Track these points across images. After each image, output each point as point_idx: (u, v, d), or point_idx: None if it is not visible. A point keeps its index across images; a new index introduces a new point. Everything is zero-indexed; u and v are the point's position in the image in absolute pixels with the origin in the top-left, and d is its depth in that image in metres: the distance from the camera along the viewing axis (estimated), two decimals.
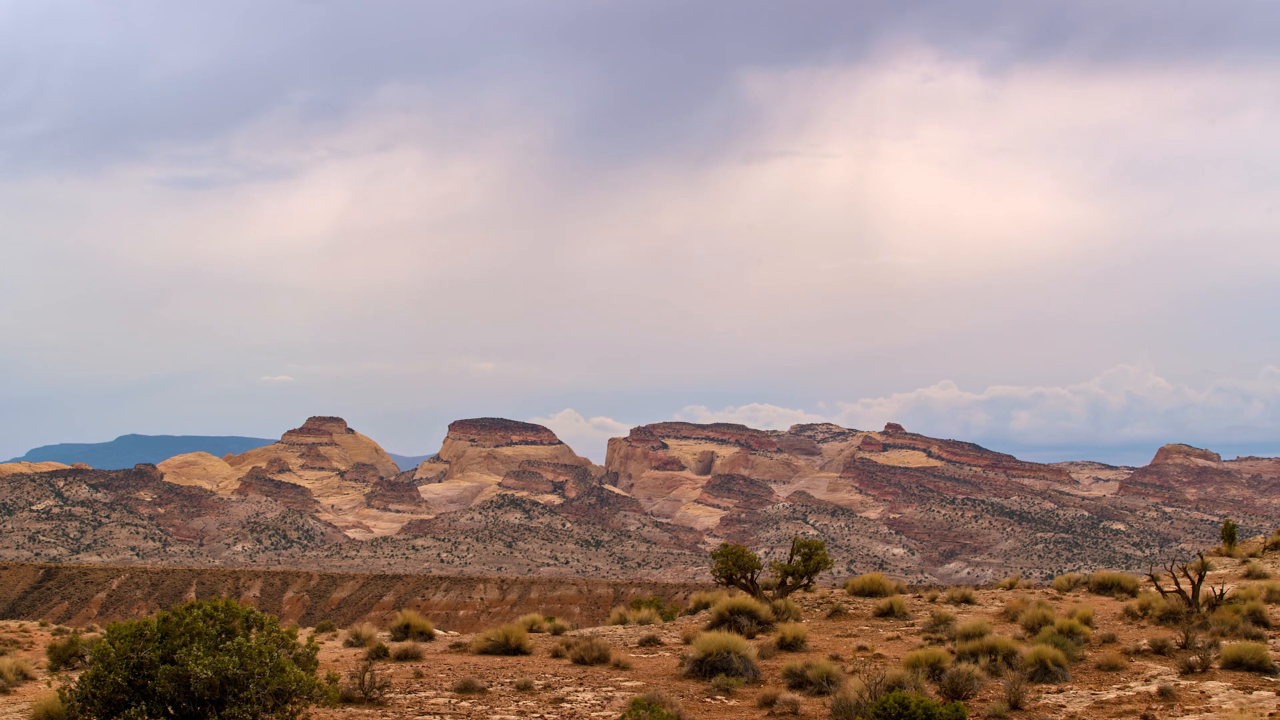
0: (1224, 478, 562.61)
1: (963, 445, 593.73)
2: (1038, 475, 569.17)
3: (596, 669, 25.23)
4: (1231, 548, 49.97)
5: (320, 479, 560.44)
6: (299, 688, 16.78)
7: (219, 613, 17.10)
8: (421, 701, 21.46)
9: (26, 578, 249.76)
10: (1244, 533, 77.51)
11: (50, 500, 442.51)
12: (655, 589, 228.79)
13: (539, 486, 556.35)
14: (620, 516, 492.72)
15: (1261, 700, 20.98)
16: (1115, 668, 24.28)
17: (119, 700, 16.38)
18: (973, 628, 27.33)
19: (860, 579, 37.70)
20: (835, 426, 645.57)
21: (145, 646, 16.64)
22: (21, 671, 26.78)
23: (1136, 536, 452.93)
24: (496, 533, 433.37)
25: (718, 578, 35.91)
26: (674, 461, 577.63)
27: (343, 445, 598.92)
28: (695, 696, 22.34)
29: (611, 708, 21.13)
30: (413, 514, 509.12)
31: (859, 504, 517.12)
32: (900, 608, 33.31)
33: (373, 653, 27.37)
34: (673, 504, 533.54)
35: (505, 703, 21.49)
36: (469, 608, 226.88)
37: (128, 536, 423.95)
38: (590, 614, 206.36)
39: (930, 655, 23.26)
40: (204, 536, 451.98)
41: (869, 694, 19.74)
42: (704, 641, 24.61)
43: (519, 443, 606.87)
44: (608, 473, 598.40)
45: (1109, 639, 27.32)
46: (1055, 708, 21.02)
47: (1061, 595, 37.95)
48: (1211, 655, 24.57)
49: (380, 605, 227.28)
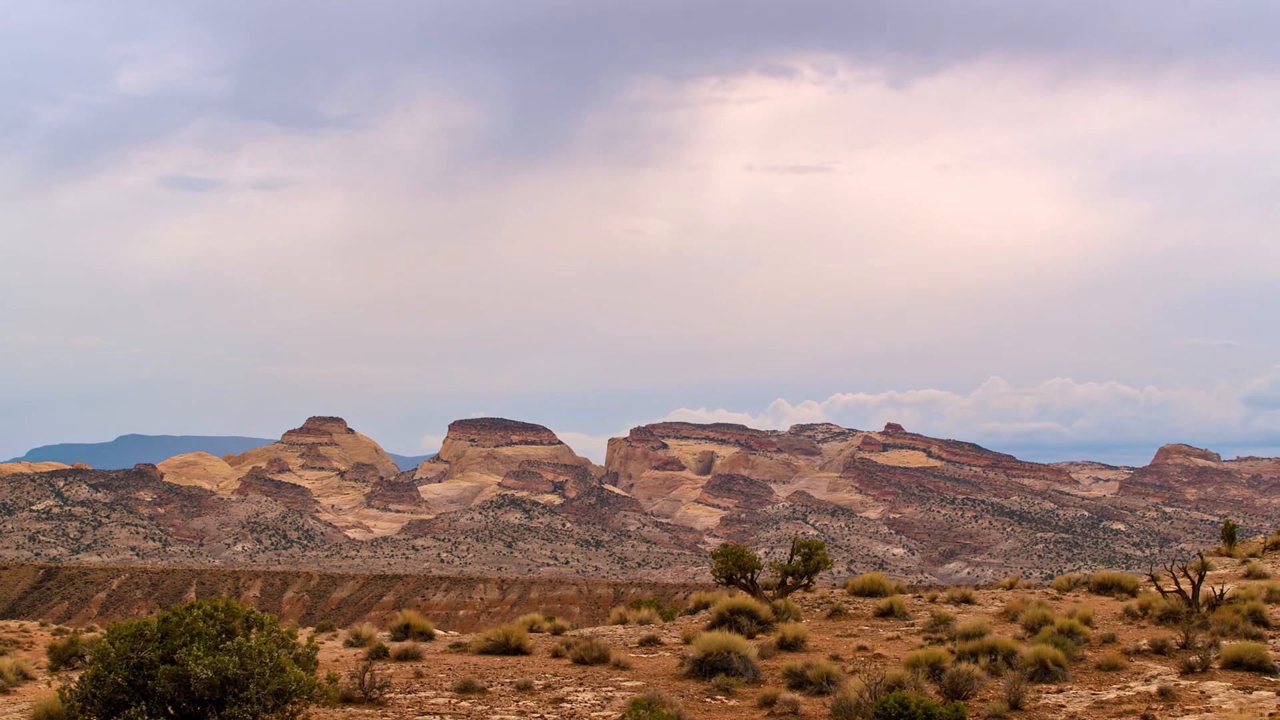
0: (1224, 478, 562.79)
1: (963, 445, 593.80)
2: (1038, 475, 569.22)
3: (596, 669, 25.22)
4: (1231, 548, 49.96)
5: (320, 479, 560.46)
6: (299, 688, 16.78)
7: (219, 613, 17.10)
8: (421, 701, 21.46)
9: (26, 578, 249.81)
10: (1244, 533, 77.42)
11: (50, 500, 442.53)
12: (655, 589, 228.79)
13: (539, 486, 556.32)
14: (620, 516, 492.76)
15: (1261, 700, 20.98)
16: (1115, 668, 24.28)
17: (119, 700, 16.38)
18: (973, 628, 27.33)
19: (860, 579, 37.69)
20: (835, 426, 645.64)
21: (145, 646, 16.64)
22: (21, 671, 26.79)
23: (1136, 536, 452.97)
24: (496, 533, 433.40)
25: (718, 578, 35.90)
26: (674, 461, 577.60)
27: (343, 445, 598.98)
28: (695, 696, 22.34)
29: (611, 708, 21.13)
30: (413, 514, 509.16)
31: (859, 504, 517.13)
32: (900, 608, 33.31)
33: (373, 653, 27.37)
34: (673, 504, 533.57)
35: (505, 703, 21.49)
36: (469, 608, 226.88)
37: (128, 536, 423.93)
38: (590, 614, 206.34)
39: (930, 655, 23.26)
40: (204, 536, 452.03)
41: (869, 694, 19.74)
42: (704, 641, 24.61)
43: (519, 443, 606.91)
44: (608, 473, 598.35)
45: (1109, 639, 27.32)
46: (1055, 708, 21.02)
47: (1061, 595, 37.94)
48: (1211, 655, 24.57)
49: (380, 605, 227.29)
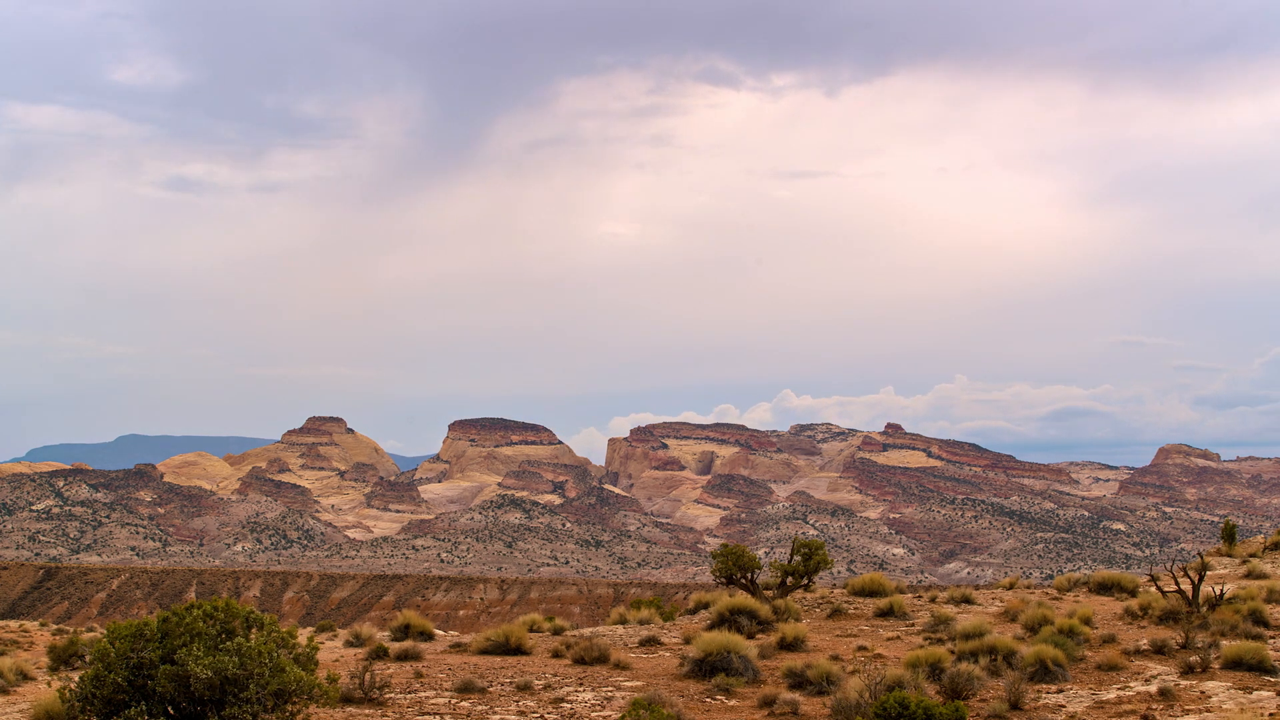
0: (1224, 478, 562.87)
1: (963, 445, 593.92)
2: (1038, 475, 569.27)
3: (596, 669, 25.22)
4: (1231, 548, 49.94)
5: (320, 479, 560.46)
6: (299, 688, 16.78)
7: (219, 613, 17.10)
8: (421, 701, 21.45)
9: (26, 578, 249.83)
10: (1244, 533, 77.45)
11: (50, 500, 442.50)
12: (655, 589, 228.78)
13: (539, 486, 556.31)
14: (620, 516, 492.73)
15: (1261, 700, 20.98)
16: (1115, 668, 24.27)
17: (119, 700, 16.37)
18: (973, 628, 27.32)
19: (860, 579, 37.67)
20: (835, 426, 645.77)
21: (145, 646, 16.64)
22: (21, 671, 26.80)
23: (1136, 536, 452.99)
24: (496, 533, 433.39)
25: (718, 578, 35.89)
26: (674, 461, 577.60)
27: (343, 445, 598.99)
28: (695, 696, 22.34)
29: (611, 708, 21.12)
30: (413, 514, 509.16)
31: (859, 504, 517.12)
32: (900, 608, 33.29)
33: (373, 653, 27.36)
34: (673, 504, 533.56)
35: (505, 703, 21.49)
36: (469, 608, 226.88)
37: (128, 536, 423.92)
38: (590, 614, 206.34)
39: (930, 655, 23.26)
40: (204, 536, 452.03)
41: (869, 694, 19.74)
42: (704, 641, 24.60)
43: (519, 443, 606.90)
44: (608, 473, 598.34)
45: (1109, 639, 27.31)
46: (1055, 708, 21.01)
47: (1061, 595, 37.93)
48: (1211, 655, 24.56)
49: (380, 605, 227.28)
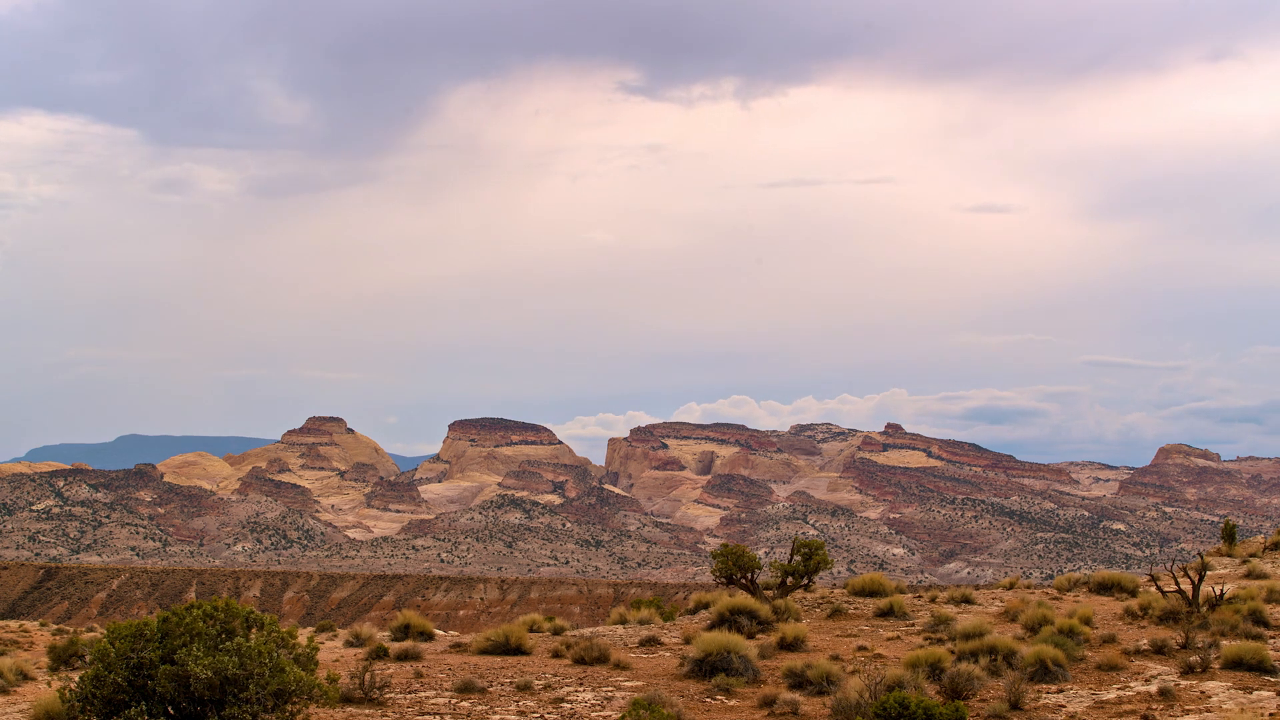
0: (1224, 478, 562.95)
1: (963, 445, 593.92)
2: (1038, 475, 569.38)
3: (596, 669, 25.22)
4: (1231, 548, 49.93)
5: (320, 479, 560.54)
6: (299, 688, 16.79)
7: (219, 613, 17.10)
8: (421, 701, 21.46)
9: (26, 578, 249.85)
10: (1244, 533, 77.42)
11: (50, 500, 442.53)
12: (655, 589, 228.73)
13: (539, 486, 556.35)
14: (620, 516, 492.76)
15: (1261, 700, 20.98)
16: (1115, 668, 24.27)
17: (119, 700, 16.38)
18: (973, 628, 27.32)
19: (860, 579, 37.65)
20: (835, 426, 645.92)
21: (145, 646, 16.64)
22: (21, 671, 26.79)
23: (1136, 536, 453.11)
24: (496, 533, 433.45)
25: (718, 578, 35.89)
26: (674, 461, 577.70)
27: (343, 445, 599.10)
28: (695, 696, 22.34)
29: (611, 708, 21.12)
30: (413, 514, 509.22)
31: (859, 504, 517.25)
32: (900, 608, 33.28)
33: (373, 653, 27.35)
34: (673, 504, 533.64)
35: (505, 703, 21.49)
36: (469, 608, 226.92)
37: (128, 536, 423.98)
38: (590, 614, 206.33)
39: (930, 655, 23.26)
40: (204, 536, 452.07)
41: (869, 694, 19.74)
42: (704, 641, 24.60)
43: (519, 443, 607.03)
44: (608, 473, 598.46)
45: (1109, 639, 27.31)
46: (1055, 708, 21.02)
47: (1061, 595, 37.91)
48: (1211, 655, 24.56)
49: (380, 605, 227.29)
